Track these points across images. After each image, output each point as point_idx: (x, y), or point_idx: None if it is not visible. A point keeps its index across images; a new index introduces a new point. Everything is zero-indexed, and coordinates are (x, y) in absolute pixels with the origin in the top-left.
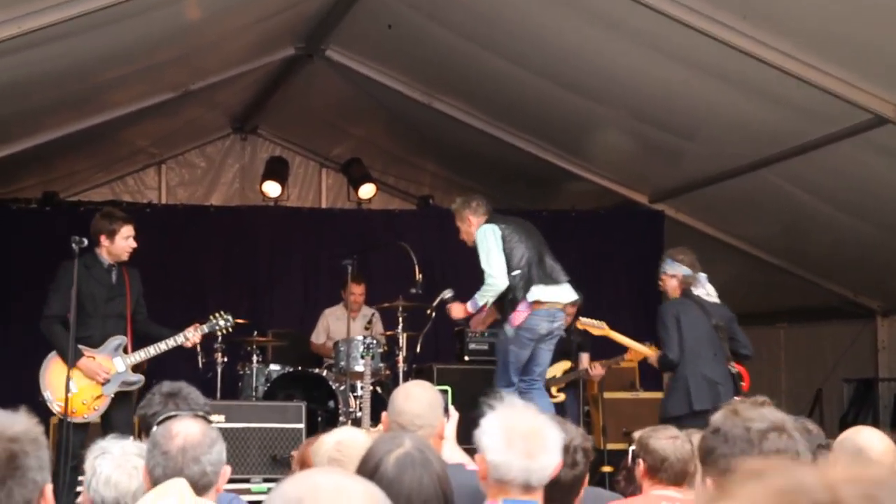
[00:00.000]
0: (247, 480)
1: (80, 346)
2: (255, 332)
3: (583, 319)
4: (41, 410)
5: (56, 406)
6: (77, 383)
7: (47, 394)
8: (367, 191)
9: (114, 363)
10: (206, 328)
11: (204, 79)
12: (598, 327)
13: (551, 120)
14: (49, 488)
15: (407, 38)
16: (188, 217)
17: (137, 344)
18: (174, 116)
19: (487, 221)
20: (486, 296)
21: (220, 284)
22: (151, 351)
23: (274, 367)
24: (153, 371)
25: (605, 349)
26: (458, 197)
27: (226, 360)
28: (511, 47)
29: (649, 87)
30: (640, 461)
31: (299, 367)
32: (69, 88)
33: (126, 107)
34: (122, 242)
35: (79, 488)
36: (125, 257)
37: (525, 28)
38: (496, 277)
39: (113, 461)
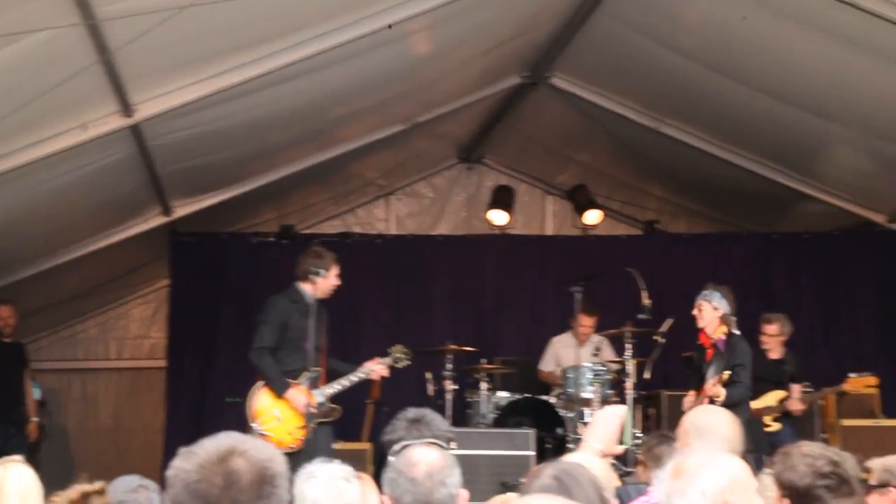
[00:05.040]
0: None
1: (286, 379)
2: (484, 360)
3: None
4: None
5: (265, 436)
6: (282, 413)
7: (255, 424)
8: (592, 217)
9: (314, 394)
10: (387, 361)
11: (431, 111)
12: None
13: (782, 140)
14: None
15: (633, 62)
16: (417, 247)
17: (327, 377)
18: (402, 148)
19: None
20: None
21: (449, 312)
22: (345, 383)
23: (502, 394)
24: (385, 399)
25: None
26: None
27: (455, 387)
28: (741, 69)
29: (887, 102)
30: (892, 489)
31: (528, 395)
32: (304, 125)
33: (357, 140)
34: (335, 281)
35: None
36: (329, 295)
37: (755, 48)
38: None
39: (320, 484)
